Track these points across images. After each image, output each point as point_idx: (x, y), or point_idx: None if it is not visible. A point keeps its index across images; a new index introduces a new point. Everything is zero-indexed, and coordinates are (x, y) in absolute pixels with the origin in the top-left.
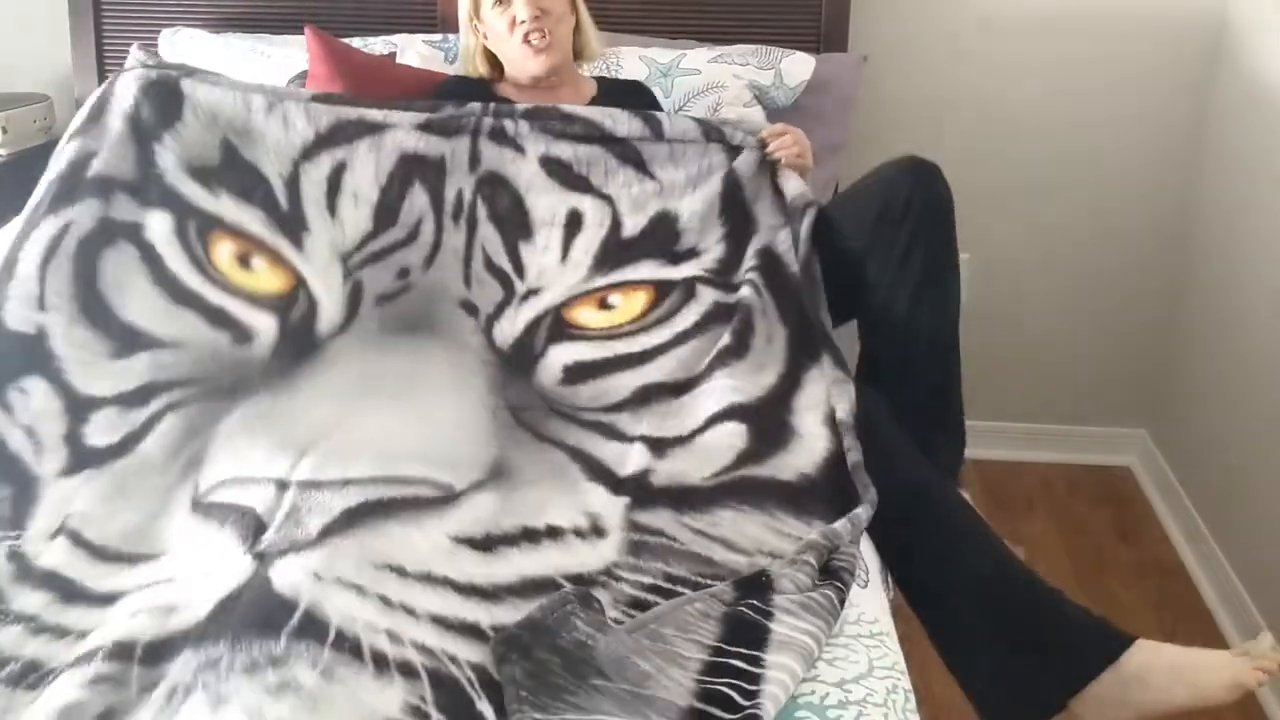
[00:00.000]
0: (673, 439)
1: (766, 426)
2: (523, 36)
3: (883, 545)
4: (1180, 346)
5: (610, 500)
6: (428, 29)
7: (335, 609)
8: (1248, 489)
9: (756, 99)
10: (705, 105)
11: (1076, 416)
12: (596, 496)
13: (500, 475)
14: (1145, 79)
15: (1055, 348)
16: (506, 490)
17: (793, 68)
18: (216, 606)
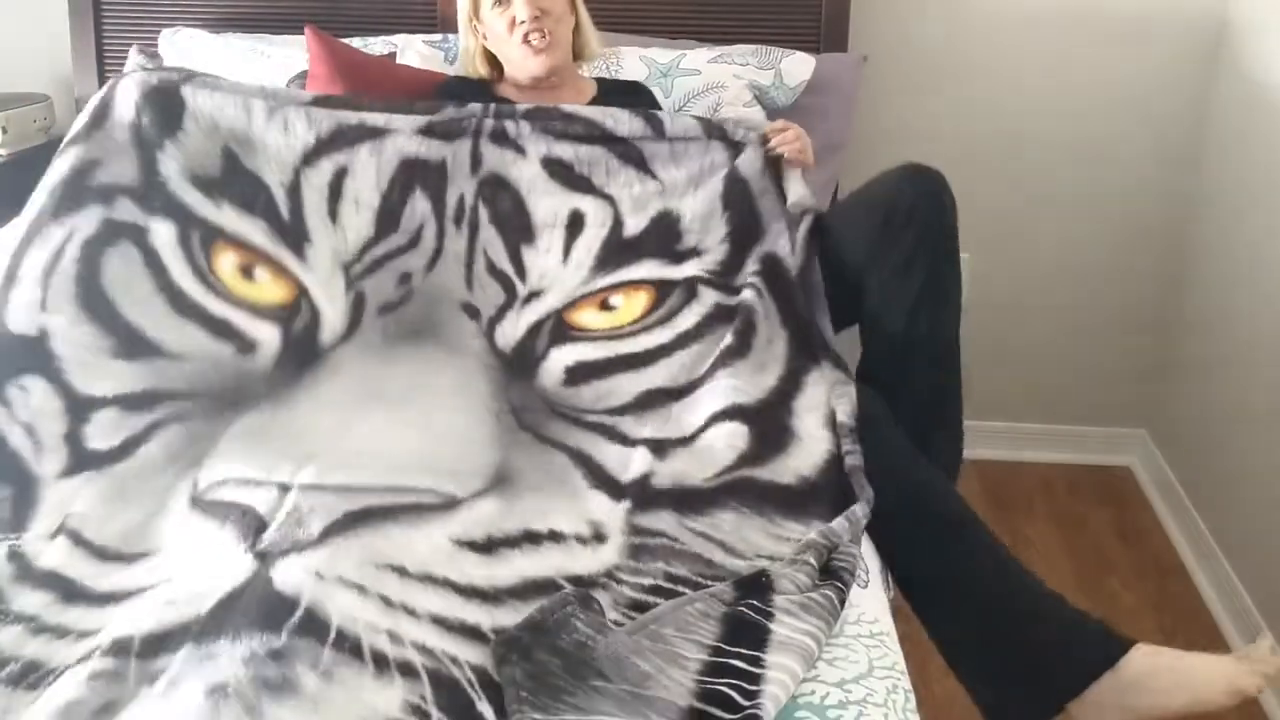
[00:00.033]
0: (675, 439)
1: (767, 428)
2: (522, 37)
3: (882, 545)
4: (1180, 346)
5: (612, 507)
6: (428, 29)
7: (336, 608)
8: (1248, 489)
9: (756, 99)
10: (705, 105)
11: (1076, 416)
12: (598, 503)
13: (503, 482)
14: (1145, 79)
15: (1055, 348)
16: (509, 498)
17: (793, 68)
18: (217, 603)
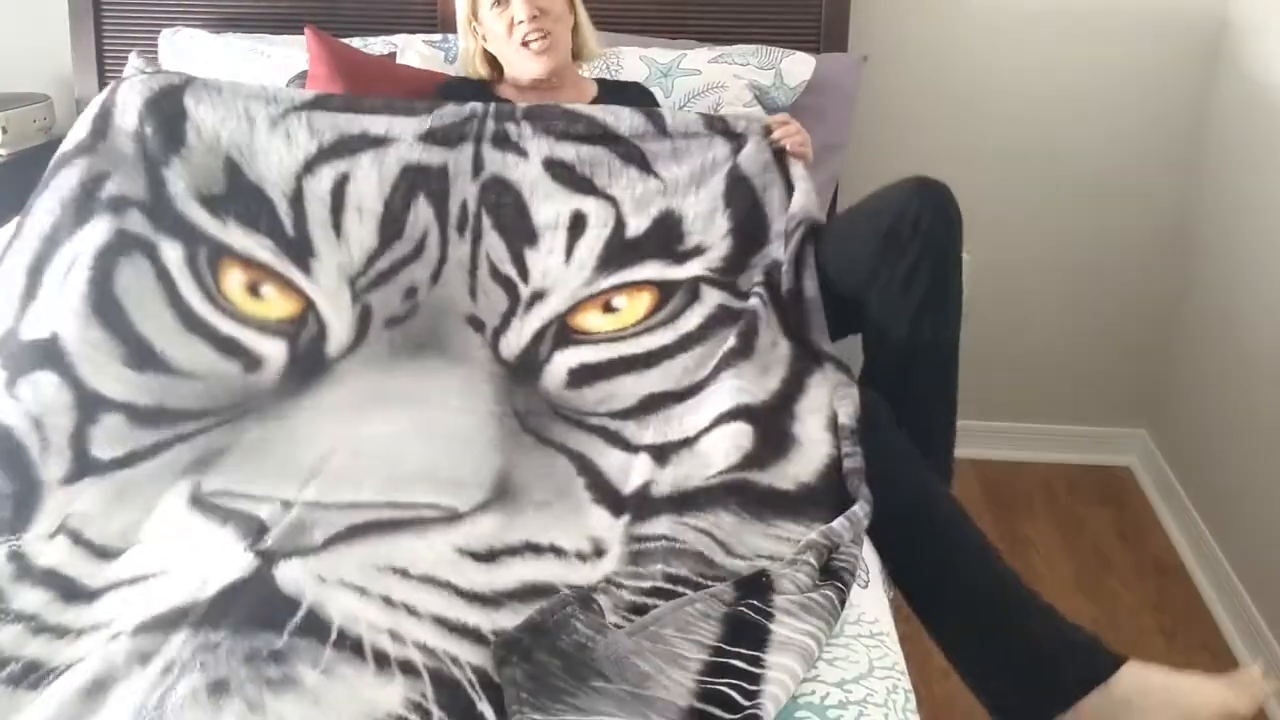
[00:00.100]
0: (677, 442)
1: (769, 432)
2: (521, 40)
3: (882, 546)
4: (1180, 346)
5: (613, 523)
6: (428, 29)
7: (338, 609)
8: (1248, 489)
9: (756, 99)
10: (705, 105)
11: (1076, 416)
12: (599, 519)
13: (505, 495)
14: (1145, 79)
15: (1055, 348)
16: (511, 512)
17: (793, 68)
18: (218, 594)
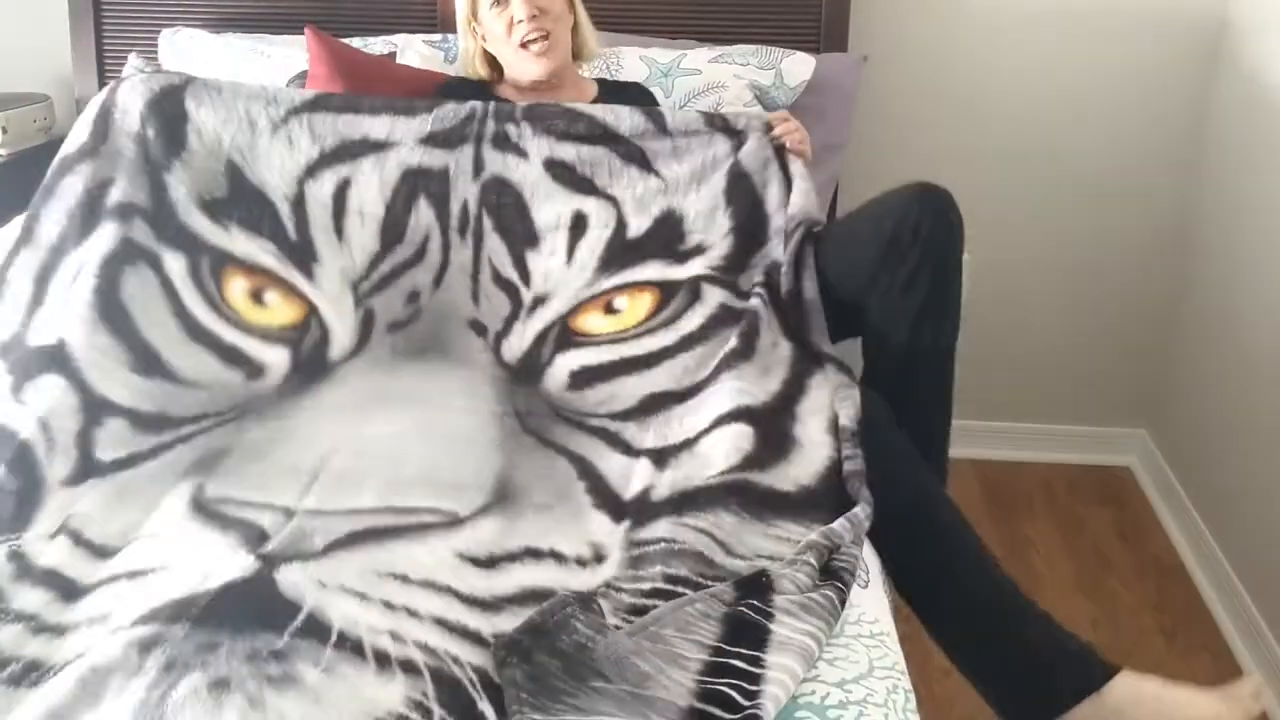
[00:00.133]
0: (677, 445)
1: (770, 433)
2: (521, 41)
3: (882, 547)
4: (1180, 346)
5: (613, 529)
6: (428, 29)
7: (339, 613)
8: (1248, 489)
9: (757, 99)
10: (706, 105)
11: (1076, 416)
12: (600, 524)
13: (505, 498)
14: (1146, 79)
15: (1055, 348)
16: (511, 515)
17: (793, 68)
18: (218, 591)
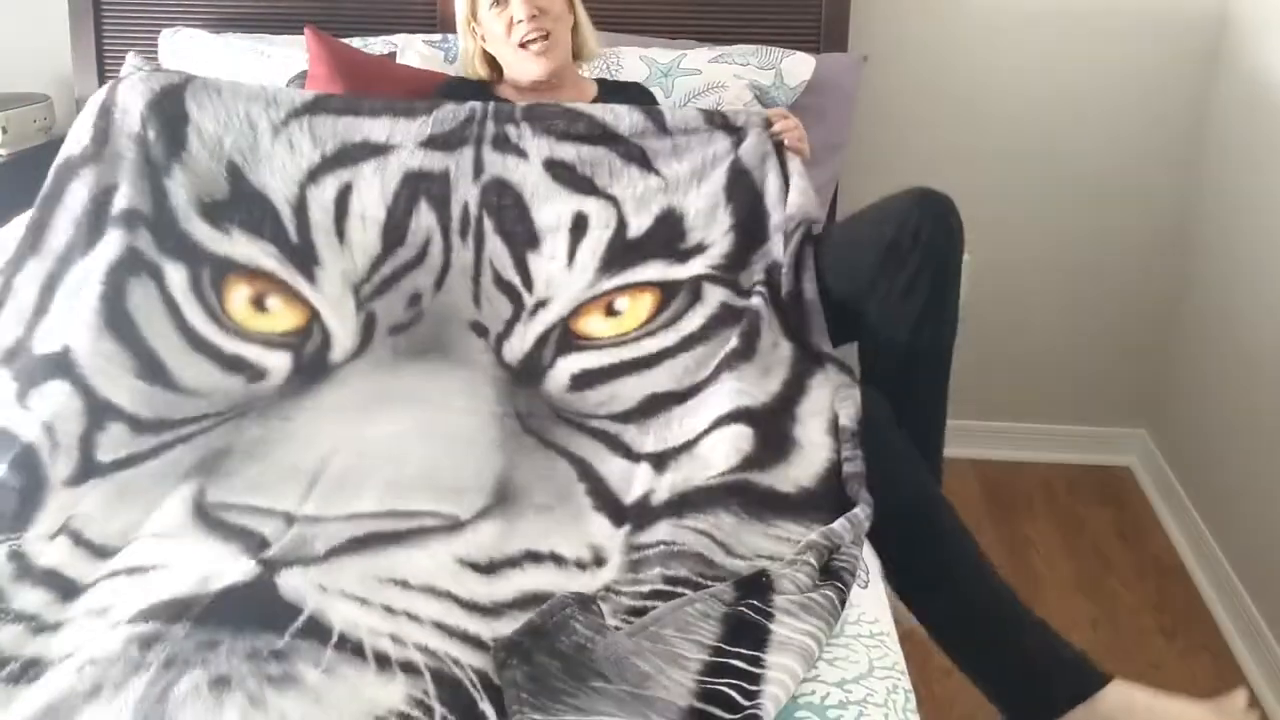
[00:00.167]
0: (677, 447)
1: (770, 434)
2: (520, 41)
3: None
4: (1180, 346)
5: (613, 532)
6: (428, 29)
7: (339, 616)
8: (1248, 489)
9: (757, 99)
10: (706, 105)
11: (1076, 416)
12: (600, 527)
13: (506, 500)
14: (1146, 78)
15: (1055, 348)
16: (512, 517)
17: (793, 68)
18: (219, 593)
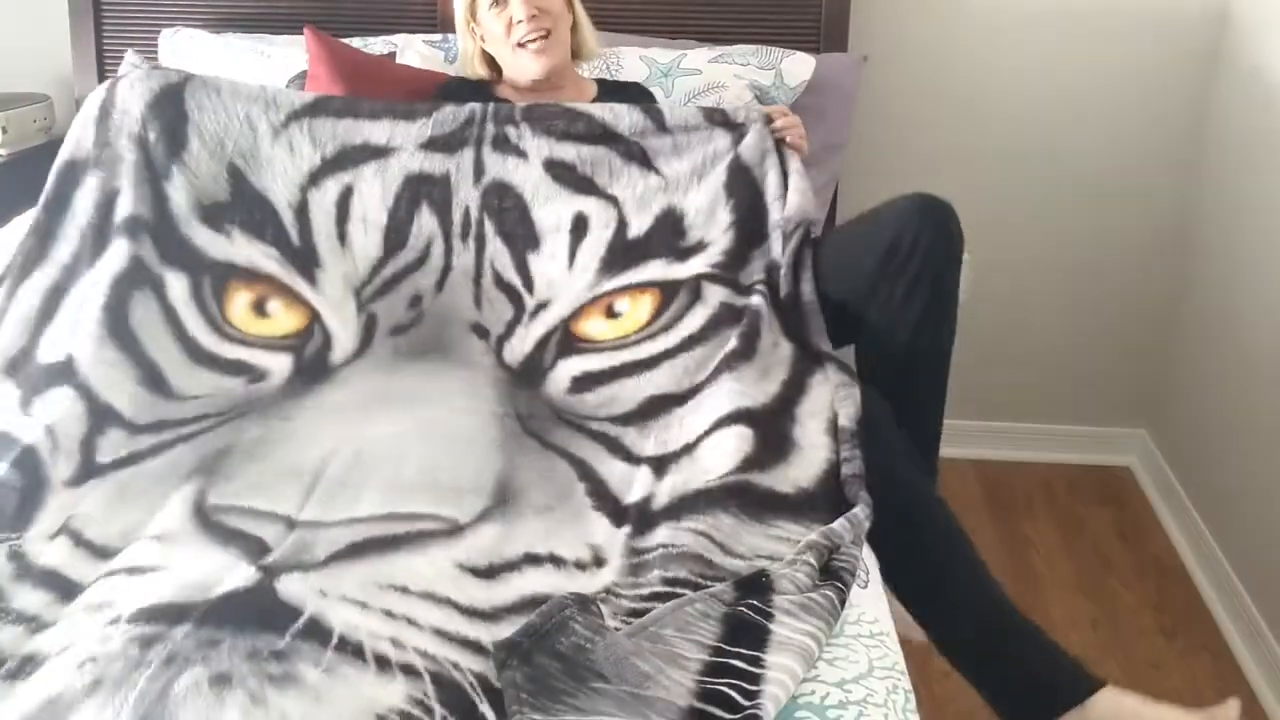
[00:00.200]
0: (678, 451)
1: (769, 436)
2: (519, 41)
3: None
4: (1180, 346)
5: (613, 533)
6: (428, 29)
7: (339, 619)
8: (1248, 489)
9: (757, 99)
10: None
11: (1076, 416)
12: (600, 527)
13: (506, 501)
14: (1146, 78)
15: (1055, 348)
16: (511, 519)
17: (793, 68)
18: (221, 597)
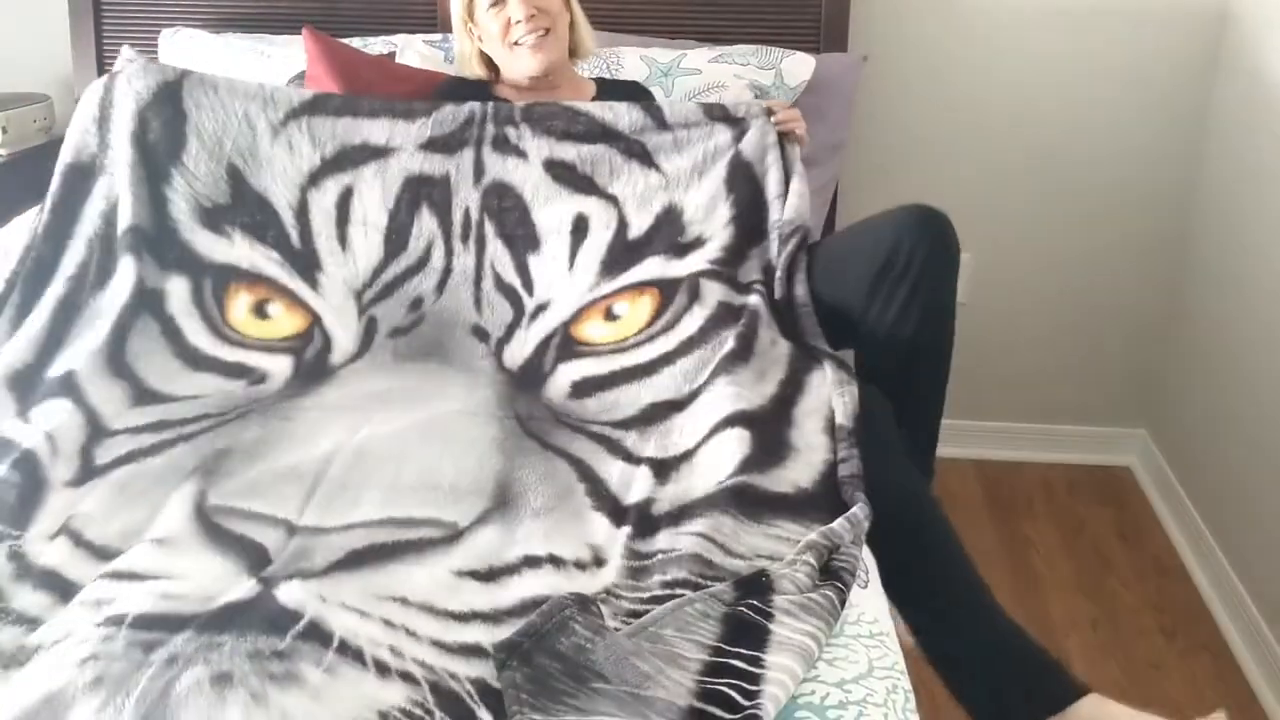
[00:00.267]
0: (678, 456)
1: (767, 438)
2: (516, 40)
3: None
4: (1180, 346)
5: (613, 532)
6: (428, 29)
7: (339, 625)
8: (1248, 489)
9: (757, 99)
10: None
11: (1076, 416)
12: (600, 526)
13: (505, 503)
14: (1146, 77)
15: (1055, 348)
16: (510, 521)
17: (793, 68)
18: (221, 607)
